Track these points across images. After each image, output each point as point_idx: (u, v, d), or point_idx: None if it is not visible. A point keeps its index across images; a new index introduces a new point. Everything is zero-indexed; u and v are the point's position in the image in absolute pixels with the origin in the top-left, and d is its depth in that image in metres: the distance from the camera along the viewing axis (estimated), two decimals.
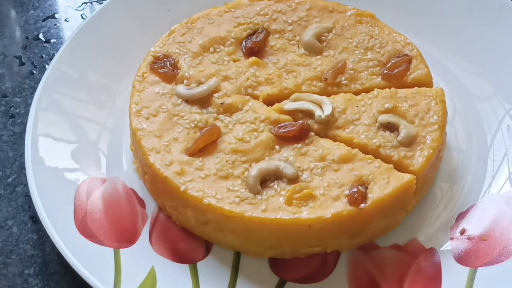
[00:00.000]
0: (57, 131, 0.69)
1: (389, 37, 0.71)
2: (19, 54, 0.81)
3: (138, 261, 0.61)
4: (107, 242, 0.62)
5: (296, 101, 0.66)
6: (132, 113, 0.66)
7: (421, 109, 0.67)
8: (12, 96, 0.77)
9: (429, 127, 0.65)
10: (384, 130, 0.65)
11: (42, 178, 0.64)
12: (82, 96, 0.72)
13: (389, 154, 0.64)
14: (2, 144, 0.73)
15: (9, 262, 0.64)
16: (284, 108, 0.66)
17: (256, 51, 0.70)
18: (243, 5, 0.74)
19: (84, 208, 0.64)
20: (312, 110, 0.65)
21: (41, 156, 0.66)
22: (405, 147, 0.64)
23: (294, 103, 0.66)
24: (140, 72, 0.69)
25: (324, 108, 0.65)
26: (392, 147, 0.64)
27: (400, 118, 0.65)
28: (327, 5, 0.73)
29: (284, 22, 0.72)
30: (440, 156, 0.67)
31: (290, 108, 0.66)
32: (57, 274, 0.64)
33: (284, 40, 0.71)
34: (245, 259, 0.63)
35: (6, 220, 0.67)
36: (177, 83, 0.68)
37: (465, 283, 0.60)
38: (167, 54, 0.70)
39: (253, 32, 0.72)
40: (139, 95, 0.67)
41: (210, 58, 0.70)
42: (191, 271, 0.61)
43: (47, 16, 0.85)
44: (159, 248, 0.63)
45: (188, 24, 0.72)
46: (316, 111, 0.64)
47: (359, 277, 0.61)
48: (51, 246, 0.65)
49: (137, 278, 0.60)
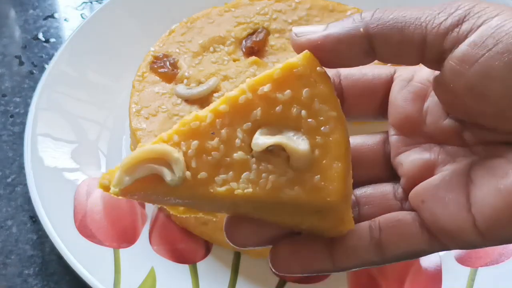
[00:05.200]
0: (56, 131, 0.68)
1: None
2: (19, 53, 0.81)
3: (137, 261, 0.61)
4: (107, 242, 0.62)
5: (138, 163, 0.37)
6: (132, 113, 0.66)
7: (301, 101, 0.37)
8: (12, 95, 0.77)
9: (322, 125, 0.37)
10: (266, 159, 0.37)
11: (41, 178, 0.64)
12: (82, 96, 0.72)
13: (291, 195, 0.37)
14: (2, 144, 0.73)
15: (9, 262, 0.64)
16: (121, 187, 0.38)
17: (256, 50, 0.70)
18: (243, 4, 0.74)
19: (83, 208, 0.64)
20: (158, 173, 0.37)
21: (40, 156, 0.66)
22: (305, 172, 0.37)
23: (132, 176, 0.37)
24: (140, 71, 0.69)
25: (174, 167, 0.37)
26: (290, 181, 0.37)
27: (279, 130, 0.38)
28: (327, 4, 0.73)
29: (284, 21, 0.72)
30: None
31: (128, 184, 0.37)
32: (57, 274, 0.64)
33: (284, 40, 0.71)
34: (245, 259, 0.62)
35: (6, 220, 0.67)
36: (177, 82, 0.68)
37: (466, 283, 0.60)
38: (167, 53, 0.70)
39: (253, 32, 0.71)
40: (138, 94, 0.67)
41: (210, 58, 0.70)
42: (191, 271, 0.61)
43: (47, 15, 0.85)
44: (159, 248, 0.63)
45: (188, 23, 0.72)
46: (165, 175, 0.36)
47: (359, 277, 0.61)
48: (50, 246, 0.65)
49: (137, 278, 0.60)
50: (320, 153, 0.37)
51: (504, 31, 0.34)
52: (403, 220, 0.39)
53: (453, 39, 0.35)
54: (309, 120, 0.37)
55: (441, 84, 0.37)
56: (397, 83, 0.42)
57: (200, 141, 0.37)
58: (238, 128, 0.37)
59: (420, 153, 0.40)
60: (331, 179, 0.37)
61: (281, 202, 0.37)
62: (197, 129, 0.37)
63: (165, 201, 0.38)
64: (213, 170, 0.37)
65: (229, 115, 0.38)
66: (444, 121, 0.40)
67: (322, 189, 0.37)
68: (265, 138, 0.37)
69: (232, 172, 0.37)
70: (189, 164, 0.37)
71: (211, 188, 0.37)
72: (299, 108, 0.37)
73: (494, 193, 0.35)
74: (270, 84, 0.37)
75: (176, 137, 0.37)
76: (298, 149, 0.37)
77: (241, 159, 0.37)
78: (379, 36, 0.37)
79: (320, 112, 0.37)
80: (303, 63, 0.37)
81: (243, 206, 0.38)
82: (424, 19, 0.36)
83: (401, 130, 0.41)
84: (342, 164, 0.37)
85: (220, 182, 0.37)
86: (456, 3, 0.36)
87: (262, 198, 0.37)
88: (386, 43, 0.37)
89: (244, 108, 0.38)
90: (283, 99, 0.37)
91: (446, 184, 0.38)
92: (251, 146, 0.37)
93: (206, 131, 0.37)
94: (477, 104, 0.36)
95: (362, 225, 0.39)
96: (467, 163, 0.38)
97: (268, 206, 0.38)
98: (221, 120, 0.38)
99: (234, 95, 0.38)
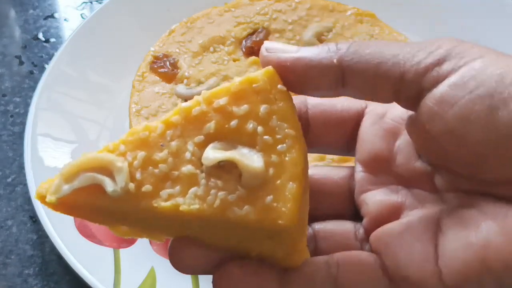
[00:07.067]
0: (56, 130, 0.68)
1: (389, 37, 0.71)
2: (19, 53, 0.81)
3: (137, 261, 0.61)
4: (107, 242, 0.62)
5: (78, 171, 0.35)
6: (132, 113, 0.66)
7: (258, 117, 0.35)
8: (12, 95, 0.77)
9: (279, 144, 0.35)
10: (216, 175, 0.35)
11: (41, 178, 0.64)
12: (82, 96, 0.72)
13: (240, 215, 0.34)
14: (2, 144, 0.73)
15: (9, 262, 0.64)
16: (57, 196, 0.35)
17: (256, 50, 0.70)
18: (243, 4, 0.74)
19: None
20: (100, 183, 0.35)
21: (40, 156, 0.66)
22: (257, 191, 0.34)
23: (71, 184, 0.35)
24: (140, 71, 0.69)
25: (117, 176, 0.34)
26: (240, 200, 0.34)
27: (233, 146, 0.35)
28: (327, 4, 0.73)
29: (284, 21, 0.72)
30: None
31: (66, 193, 0.35)
32: (57, 274, 0.64)
33: (284, 40, 0.71)
34: None
35: (6, 220, 0.67)
36: (177, 82, 0.68)
37: None
38: (167, 53, 0.70)
39: (253, 32, 0.71)
40: (138, 94, 0.67)
41: (210, 58, 0.70)
42: None
43: (47, 15, 0.85)
44: (159, 248, 0.63)
45: (188, 23, 0.72)
46: (106, 185, 0.34)
47: None
48: (50, 246, 0.65)
49: (137, 278, 0.60)
50: (275, 172, 0.34)
51: (486, 74, 0.32)
52: (364, 260, 0.36)
53: (432, 78, 0.33)
54: (265, 137, 0.34)
55: (415, 124, 0.35)
56: (368, 118, 0.39)
57: (147, 152, 0.35)
58: (189, 141, 0.35)
59: (386, 194, 0.38)
60: (285, 200, 0.33)
61: (229, 222, 0.34)
62: (146, 139, 0.35)
63: (106, 218, 0.36)
64: (159, 184, 0.34)
65: (181, 126, 0.35)
66: (415, 163, 0.38)
67: (273, 210, 0.33)
68: (216, 153, 0.34)
69: (179, 186, 0.34)
70: (133, 175, 0.34)
71: (155, 203, 0.34)
72: (255, 124, 0.34)
73: (464, 246, 0.33)
74: (227, 97, 0.35)
75: (122, 147, 0.35)
76: (251, 166, 0.34)
77: (189, 173, 0.34)
78: (353, 70, 0.34)
79: (277, 129, 0.34)
80: (263, 78, 0.35)
81: (189, 225, 0.35)
82: (403, 56, 0.34)
83: (368, 167, 0.39)
84: (297, 185, 0.33)
85: (165, 196, 0.34)
86: (437, 42, 0.34)
87: (209, 216, 0.34)
88: (360, 78, 0.34)
89: (197, 120, 0.35)
90: (239, 114, 0.35)
91: (413, 230, 0.35)
92: (202, 161, 0.34)
93: (155, 142, 0.35)
94: (454, 148, 0.33)
95: (318, 259, 0.36)
96: (437, 210, 0.36)
97: (216, 226, 0.35)
98: (172, 132, 0.35)
99: (187, 106, 0.36)
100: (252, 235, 0.35)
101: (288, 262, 0.36)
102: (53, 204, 0.34)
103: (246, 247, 0.36)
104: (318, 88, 0.36)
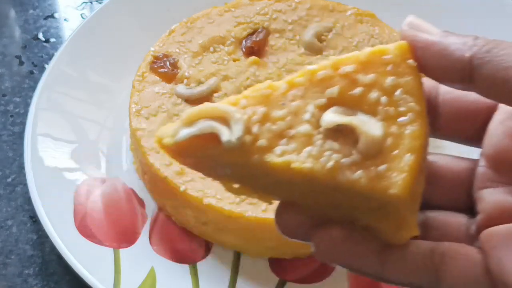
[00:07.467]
0: (56, 131, 0.68)
1: (390, 36, 0.71)
2: (19, 53, 0.81)
3: (137, 261, 0.61)
4: (107, 242, 0.62)
5: (198, 118, 0.35)
6: (132, 113, 0.66)
7: (383, 88, 0.36)
8: (12, 95, 0.77)
9: (401, 116, 0.36)
10: (333, 138, 0.35)
11: (41, 178, 0.64)
12: (82, 96, 0.72)
13: (351, 179, 0.34)
14: (2, 144, 0.73)
15: (9, 262, 0.64)
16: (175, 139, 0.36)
17: (256, 50, 0.70)
18: (243, 4, 0.74)
19: (83, 208, 0.64)
20: (216, 131, 0.35)
21: (40, 156, 0.66)
22: (372, 159, 0.34)
23: (189, 129, 0.35)
24: (140, 71, 0.69)
25: (234, 127, 0.35)
26: (353, 164, 0.34)
27: (353, 112, 0.35)
28: (327, 4, 0.73)
29: (284, 21, 0.72)
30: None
31: (183, 138, 0.35)
32: (57, 274, 0.64)
33: (284, 40, 0.71)
34: (245, 259, 0.62)
35: (6, 220, 0.67)
36: (177, 82, 0.68)
37: None
38: (167, 53, 0.70)
39: (253, 32, 0.71)
40: (138, 94, 0.67)
41: (210, 58, 0.70)
42: (191, 271, 0.61)
43: (47, 15, 0.85)
44: (159, 248, 0.63)
45: (188, 23, 0.72)
46: (222, 134, 0.35)
47: (359, 277, 0.61)
48: (50, 246, 0.65)
49: (137, 278, 0.60)
50: (393, 143, 0.33)
51: None
52: (470, 257, 0.34)
53: None
54: (387, 108, 0.34)
55: None
56: (501, 113, 0.38)
57: (267, 108, 0.35)
58: (310, 102, 0.35)
59: (507, 194, 0.36)
60: (400, 171, 0.33)
61: (339, 186, 0.33)
62: (268, 96, 0.35)
63: (217, 171, 0.36)
64: (274, 140, 0.34)
65: (304, 87, 0.35)
66: None
67: (386, 178, 0.33)
68: (336, 116, 0.34)
69: (294, 144, 0.34)
70: (250, 130, 0.34)
71: (267, 157, 0.34)
72: (380, 94, 0.34)
73: None
74: (355, 65, 0.35)
75: (244, 101, 0.35)
76: (370, 132, 0.33)
77: (306, 132, 0.34)
78: (482, 69, 0.33)
79: (401, 102, 0.34)
80: (394, 51, 0.35)
81: (298, 188, 0.35)
82: None
83: (492, 163, 0.37)
84: (414, 158, 0.33)
85: (278, 152, 0.34)
86: None
87: (320, 177, 0.33)
88: (488, 79, 0.33)
89: (321, 84, 0.35)
90: (364, 82, 0.34)
91: None
92: (320, 123, 0.34)
93: (276, 100, 0.35)
94: None
95: (424, 244, 0.35)
96: None
97: (324, 192, 0.34)
98: (294, 92, 0.35)
99: (314, 69, 0.35)
100: (360, 204, 0.34)
101: (394, 238, 0.35)
102: (170, 147, 0.34)
103: (352, 217, 0.35)
104: (444, 78, 0.35)
